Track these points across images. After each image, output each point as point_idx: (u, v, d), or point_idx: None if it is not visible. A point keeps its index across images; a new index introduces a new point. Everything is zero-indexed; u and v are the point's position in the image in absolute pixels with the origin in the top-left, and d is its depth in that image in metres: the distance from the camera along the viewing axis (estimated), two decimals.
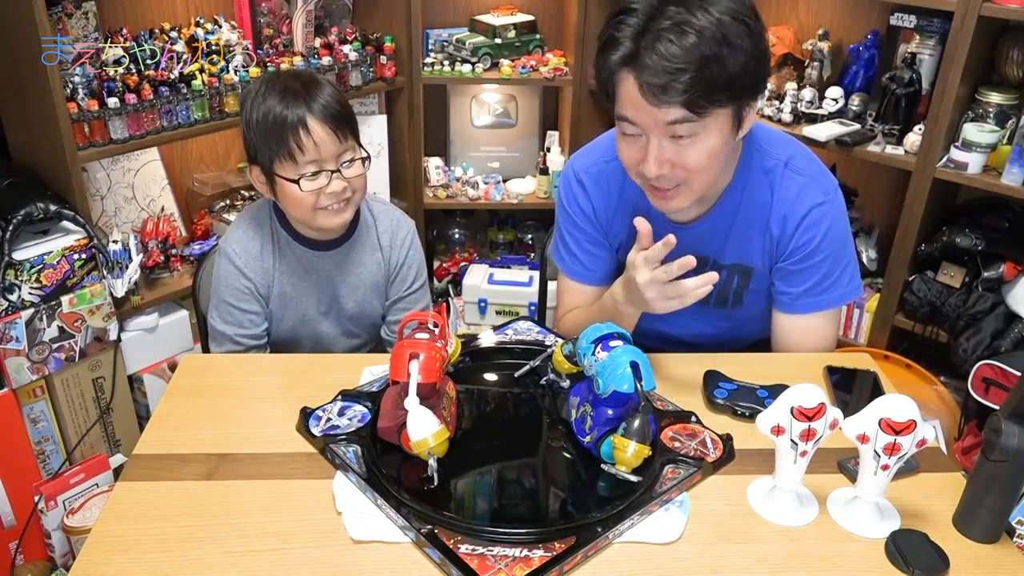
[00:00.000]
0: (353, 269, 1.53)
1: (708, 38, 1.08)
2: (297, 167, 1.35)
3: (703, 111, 1.12)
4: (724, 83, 1.10)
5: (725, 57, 1.09)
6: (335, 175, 1.37)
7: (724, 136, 1.17)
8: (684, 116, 1.12)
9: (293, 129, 1.32)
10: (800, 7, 2.52)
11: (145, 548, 0.96)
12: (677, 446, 1.12)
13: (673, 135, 1.15)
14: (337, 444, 1.10)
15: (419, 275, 1.58)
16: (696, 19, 1.08)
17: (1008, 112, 2.10)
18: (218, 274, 1.48)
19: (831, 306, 1.37)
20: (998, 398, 1.71)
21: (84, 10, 1.96)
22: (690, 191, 1.22)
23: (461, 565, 0.91)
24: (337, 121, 1.36)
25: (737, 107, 1.16)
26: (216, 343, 1.50)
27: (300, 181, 1.35)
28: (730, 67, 1.10)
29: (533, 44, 2.72)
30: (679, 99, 1.10)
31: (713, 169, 1.20)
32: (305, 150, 1.33)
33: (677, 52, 1.08)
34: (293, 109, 1.33)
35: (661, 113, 1.12)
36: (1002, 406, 0.95)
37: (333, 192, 1.37)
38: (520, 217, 3.00)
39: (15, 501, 1.89)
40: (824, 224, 1.30)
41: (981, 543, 0.99)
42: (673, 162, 1.17)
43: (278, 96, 1.34)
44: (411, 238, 1.56)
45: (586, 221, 1.41)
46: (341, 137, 1.37)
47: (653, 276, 1.19)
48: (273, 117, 1.33)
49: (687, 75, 1.08)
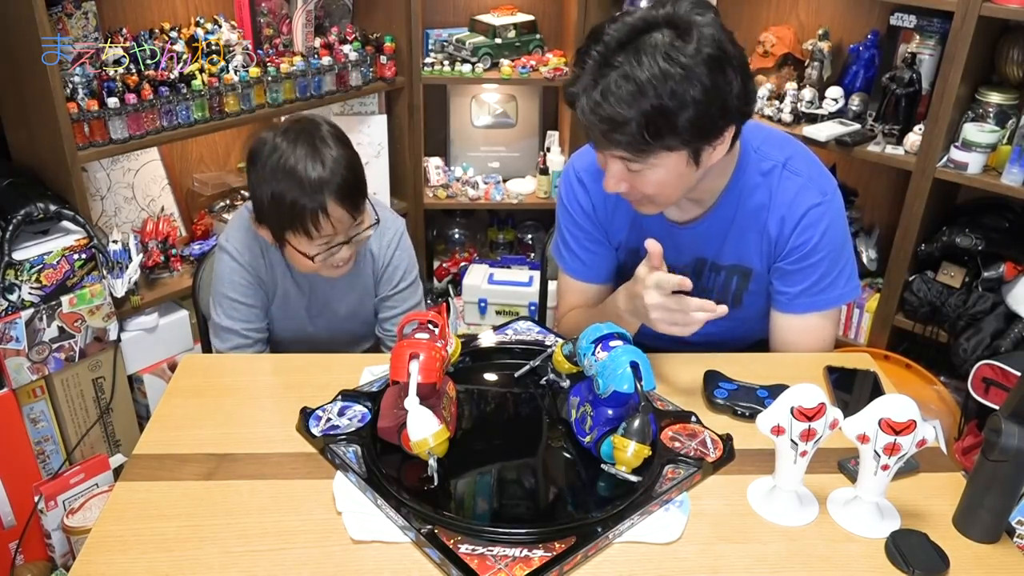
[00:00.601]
0: (346, 275, 1.52)
1: (650, 93, 1.07)
2: (311, 243, 1.35)
3: (648, 154, 1.13)
4: (671, 131, 1.10)
5: (670, 110, 1.08)
6: (344, 245, 1.38)
7: (678, 170, 1.17)
8: (630, 156, 1.14)
9: (312, 214, 1.31)
10: (800, 7, 2.52)
11: (145, 548, 0.96)
12: (677, 446, 1.12)
13: (625, 165, 1.17)
14: (337, 444, 1.10)
15: (407, 274, 1.57)
16: (643, 71, 1.06)
17: (1008, 112, 2.10)
18: (220, 271, 1.49)
19: (829, 306, 1.37)
20: (998, 398, 1.71)
21: (84, 10, 1.96)
22: (656, 205, 1.24)
23: (461, 565, 0.91)
24: (353, 198, 1.35)
25: (692, 150, 1.16)
26: (221, 340, 1.50)
27: (315, 257, 1.36)
28: (674, 121, 1.09)
29: (533, 44, 2.72)
30: (620, 149, 1.13)
31: (674, 191, 1.21)
32: (322, 231, 1.33)
33: (615, 105, 1.08)
34: (312, 196, 1.30)
35: (607, 151, 1.16)
36: (1002, 406, 0.95)
37: (341, 257, 1.39)
38: (520, 217, 3.00)
39: (15, 501, 1.89)
40: (822, 224, 1.30)
41: (981, 543, 1.00)
42: (629, 184, 1.20)
43: (295, 167, 1.30)
44: (398, 238, 1.55)
45: (586, 219, 1.41)
46: (356, 213, 1.37)
47: (663, 303, 1.19)
48: (291, 201, 1.30)
49: (627, 128, 1.09)
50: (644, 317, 1.23)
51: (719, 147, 1.18)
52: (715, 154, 1.18)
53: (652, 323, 1.22)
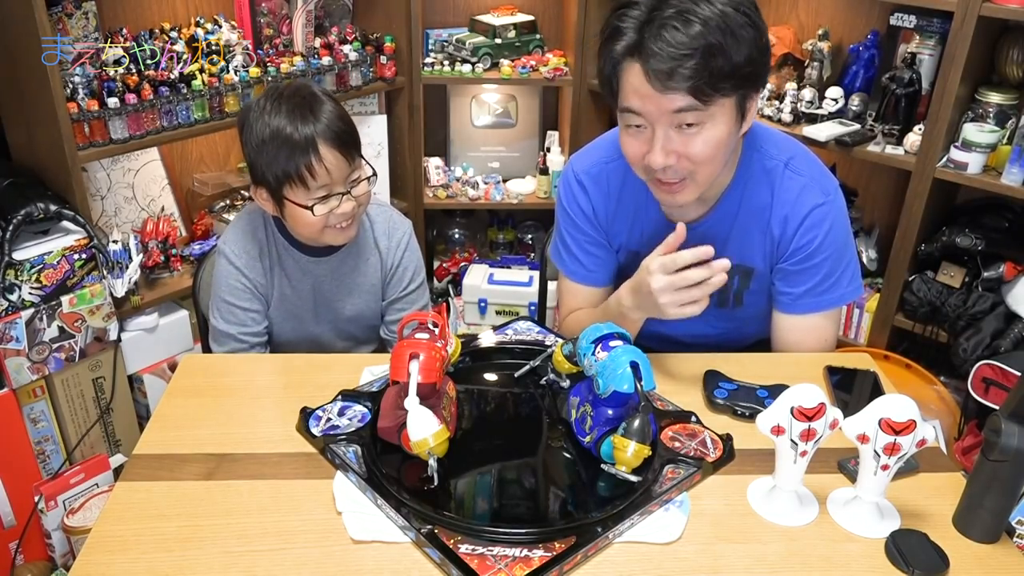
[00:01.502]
0: (350, 273, 1.53)
1: (713, 27, 1.09)
2: (309, 192, 1.34)
3: (708, 99, 1.13)
4: (728, 71, 1.11)
5: (729, 46, 1.10)
6: (345, 197, 1.37)
7: (728, 127, 1.17)
8: (690, 104, 1.13)
9: (303, 154, 1.31)
10: (800, 7, 2.52)
11: (145, 548, 0.95)
12: (677, 446, 1.12)
13: (679, 124, 1.16)
14: (337, 444, 1.10)
15: (416, 276, 1.58)
16: (700, 8, 1.10)
17: (1008, 112, 2.10)
18: (218, 274, 1.48)
19: (832, 306, 1.36)
20: (998, 398, 1.71)
21: (84, 10, 1.97)
22: (695, 184, 1.22)
23: (461, 565, 0.91)
24: (345, 143, 1.35)
25: (741, 97, 1.17)
26: (218, 343, 1.50)
27: (313, 207, 1.35)
28: (734, 56, 1.11)
29: (533, 44, 2.72)
30: (685, 85, 1.11)
31: (718, 161, 1.21)
32: (317, 176, 1.32)
33: (683, 39, 1.09)
34: (301, 131, 1.31)
35: (667, 100, 1.13)
36: (1002, 406, 0.95)
37: (343, 213, 1.38)
38: (520, 217, 3.01)
39: (15, 501, 1.89)
40: (825, 225, 1.30)
41: (981, 543, 0.99)
42: (679, 152, 1.17)
43: (285, 117, 1.32)
44: (407, 239, 1.56)
45: (586, 222, 1.41)
46: (350, 159, 1.36)
47: (670, 281, 1.19)
48: (282, 140, 1.31)
49: (692, 61, 1.09)
50: (653, 307, 1.22)
51: (752, 108, 1.20)
52: (749, 118, 1.21)
53: (662, 310, 1.21)
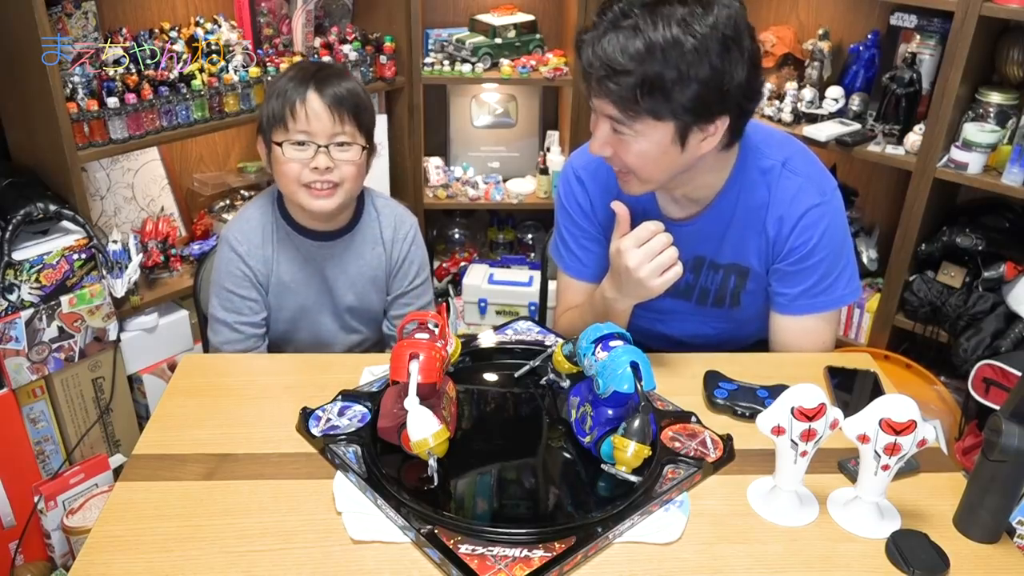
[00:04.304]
0: (353, 262, 1.53)
1: (656, 56, 1.06)
2: (287, 134, 1.39)
3: (632, 117, 1.12)
4: (661, 99, 1.09)
5: (667, 81, 1.08)
6: (321, 150, 1.39)
7: (661, 146, 1.16)
8: (615, 115, 1.14)
9: (291, 95, 1.38)
10: (800, 7, 2.52)
11: (145, 548, 0.96)
12: (677, 446, 1.12)
13: (612, 127, 1.17)
14: (337, 444, 1.10)
15: (421, 271, 1.59)
16: (653, 31, 1.06)
17: (1008, 112, 2.10)
18: (219, 261, 1.50)
19: (828, 308, 1.36)
20: (998, 398, 1.71)
21: (84, 10, 1.96)
22: (639, 181, 1.23)
23: (461, 565, 0.91)
24: (339, 103, 1.39)
25: (681, 126, 1.14)
26: (214, 332, 1.50)
27: (283, 145, 1.38)
28: (671, 91, 1.08)
29: (533, 44, 2.71)
30: (608, 101, 1.12)
31: (652, 170, 1.20)
32: (297, 118, 1.38)
33: (615, 54, 1.08)
34: (300, 81, 1.40)
35: (598, 102, 1.15)
36: (1002, 406, 0.95)
37: (316, 168, 1.39)
38: (520, 217, 3.00)
39: (15, 501, 1.89)
40: (821, 225, 1.30)
41: (981, 543, 0.99)
42: (613, 149, 1.19)
43: (296, 70, 1.43)
44: (413, 234, 1.58)
45: (584, 218, 1.41)
46: (338, 117, 1.39)
47: (645, 252, 1.19)
48: (282, 86, 1.40)
49: (623, 80, 1.08)
50: (635, 287, 1.23)
51: (709, 137, 1.17)
52: (704, 144, 1.17)
53: (645, 284, 1.21)
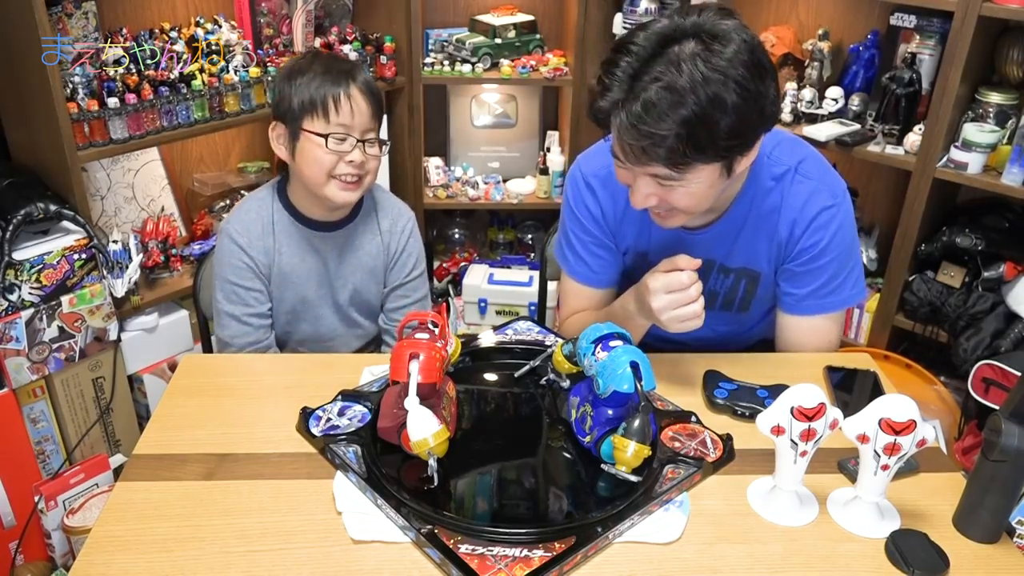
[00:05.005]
0: (352, 252, 1.55)
1: (693, 102, 1.04)
2: (328, 126, 1.39)
3: (685, 168, 1.11)
4: (707, 144, 1.08)
5: (711, 120, 1.06)
6: (359, 144, 1.41)
7: (711, 181, 1.15)
8: (666, 173, 1.12)
9: (336, 85, 1.39)
10: (800, 7, 2.52)
11: (145, 548, 0.96)
12: (677, 446, 1.12)
13: (657, 181, 1.15)
14: (337, 444, 1.10)
15: (418, 264, 1.61)
16: (682, 78, 1.03)
17: (1008, 112, 2.10)
18: (221, 255, 1.50)
19: (836, 308, 1.36)
20: (998, 398, 1.71)
21: (84, 10, 1.96)
22: (683, 215, 1.22)
23: (461, 565, 0.91)
24: (375, 97, 1.44)
25: (726, 161, 1.13)
26: (221, 327, 1.50)
27: (328, 138, 1.39)
28: (716, 130, 1.07)
29: (533, 44, 2.71)
30: (658, 162, 1.10)
31: (702, 204, 1.20)
32: (341, 111, 1.39)
33: (657, 121, 1.05)
34: (341, 67, 1.42)
35: (641, 168, 1.13)
36: (1002, 406, 0.95)
37: (352, 162, 1.41)
38: (520, 217, 3.00)
39: (15, 501, 1.89)
40: (832, 227, 1.30)
41: (981, 543, 1.00)
42: (659, 198, 1.18)
43: (325, 62, 1.43)
44: (411, 226, 1.60)
45: (594, 224, 1.39)
46: (373, 113, 1.43)
47: (670, 300, 1.20)
48: (322, 69, 1.40)
49: (667, 141, 1.06)
50: (655, 320, 1.24)
51: (749, 155, 1.16)
52: (745, 162, 1.17)
53: (665, 326, 1.23)
